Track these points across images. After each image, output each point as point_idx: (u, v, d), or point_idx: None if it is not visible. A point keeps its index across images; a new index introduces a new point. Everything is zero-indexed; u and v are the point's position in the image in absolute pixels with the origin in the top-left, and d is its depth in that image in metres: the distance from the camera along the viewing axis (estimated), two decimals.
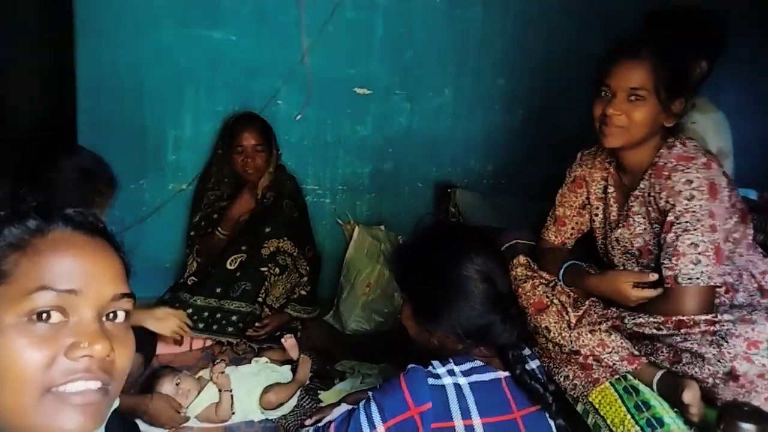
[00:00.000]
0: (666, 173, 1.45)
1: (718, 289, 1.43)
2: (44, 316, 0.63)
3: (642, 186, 1.52)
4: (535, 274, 1.65)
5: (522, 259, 1.67)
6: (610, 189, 1.63)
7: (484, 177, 2.73)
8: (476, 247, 1.20)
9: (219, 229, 2.26)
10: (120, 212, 2.35)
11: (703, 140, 1.86)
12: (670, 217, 1.43)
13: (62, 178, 1.65)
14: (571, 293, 1.59)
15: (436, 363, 1.12)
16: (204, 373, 1.86)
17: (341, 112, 2.53)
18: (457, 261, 1.17)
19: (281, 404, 1.79)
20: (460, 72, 2.59)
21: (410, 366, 1.12)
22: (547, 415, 1.16)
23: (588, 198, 1.69)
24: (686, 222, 1.40)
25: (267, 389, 1.79)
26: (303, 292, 2.28)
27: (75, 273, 0.66)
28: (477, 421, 1.06)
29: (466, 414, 1.07)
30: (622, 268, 1.60)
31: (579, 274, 1.59)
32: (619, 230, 1.59)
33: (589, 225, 1.72)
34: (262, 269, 2.20)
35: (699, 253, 1.39)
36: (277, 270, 2.24)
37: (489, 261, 1.19)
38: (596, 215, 1.68)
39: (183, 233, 2.45)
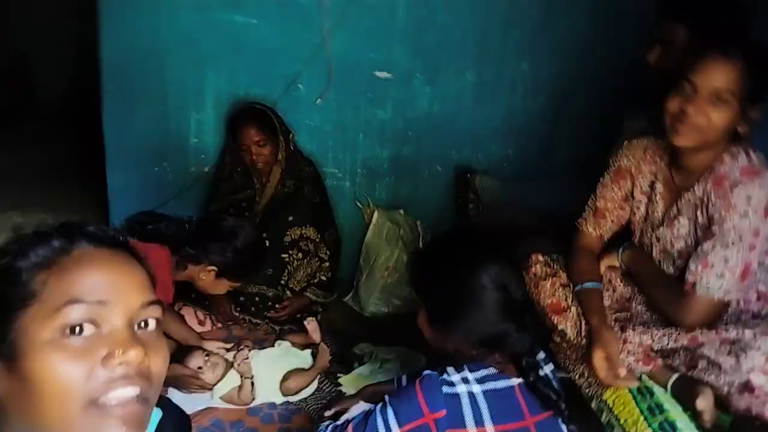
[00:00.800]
0: (727, 184, 1.39)
1: (749, 297, 1.43)
2: (77, 329, 0.65)
3: (696, 190, 1.46)
4: (556, 273, 1.64)
5: (540, 257, 1.66)
6: (658, 185, 1.56)
7: (504, 162, 2.70)
8: (492, 255, 1.21)
9: None
10: (142, 195, 2.42)
11: None
12: (715, 228, 1.40)
13: (237, 256, 1.87)
14: None
15: (450, 369, 1.15)
16: (229, 356, 1.92)
17: (362, 95, 2.52)
18: (472, 270, 1.18)
19: (300, 390, 1.84)
20: (482, 55, 2.54)
21: (425, 373, 1.15)
22: (560, 421, 1.18)
23: (632, 191, 1.62)
24: (728, 237, 1.38)
25: (287, 375, 1.85)
26: (323, 278, 2.32)
27: (102, 284, 0.68)
28: (490, 428, 1.10)
29: (479, 421, 1.10)
30: (657, 263, 1.57)
31: (589, 306, 1.53)
32: (662, 229, 1.54)
33: (628, 218, 1.66)
34: (284, 255, 2.24)
35: (727, 268, 1.38)
36: (300, 255, 2.28)
37: (504, 269, 1.19)
38: (638, 209, 1.62)
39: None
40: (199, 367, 1.81)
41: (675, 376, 1.41)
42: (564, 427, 1.18)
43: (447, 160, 2.65)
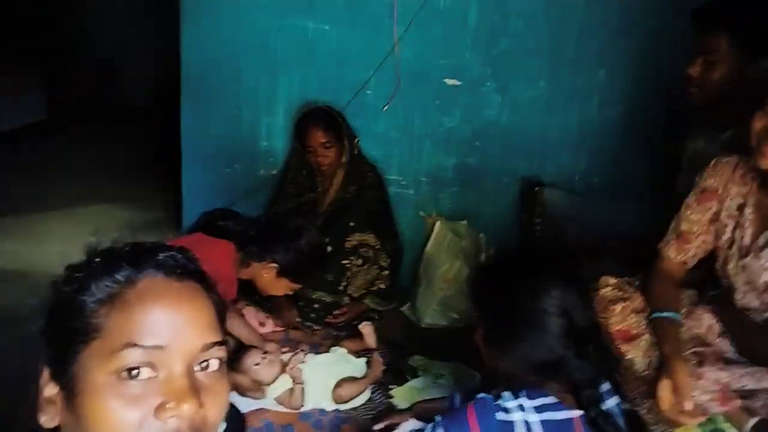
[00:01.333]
0: None
1: None
2: (134, 372, 0.64)
3: None
4: (628, 297, 1.54)
5: (611, 279, 1.56)
6: (748, 209, 1.43)
7: (576, 174, 2.59)
8: (557, 277, 1.15)
9: None
10: (214, 194, 2.51)
11: None
12: None
13: (301, 254, 1.92)
14: None
15: (506, 395, 1.10)
16: (285, 357, 1.95)
17: (429, 103, 2.50)
18: (534, 292, 1.12)
19: (351, 399, 1.84)
20: (556, 63, 2.46)
21: (479, 396, 1.11)
22: None
23: (718, 213, 1.50)
24: None
25: (340, 383, 1.85)
26: (382, 286, 2.31)
27: (163, 327, 0.66)
28: None
29: None
30: (741, 298, 1.46)
31: (664, 335, 1.42)
32: (749, 258, 1.41)
33: (714, 243, 1.52)
34: (344, 262, 2.25)
35: None
36: (360, 261, 2.28)
37: (569, 293, 1.13)
38: (723, 234, 1.49)
39: None
40: (257, 364, 1.84)
41: (755, 420, 1.29)
42: None
43: (514, 171, 2.58)
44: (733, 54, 1.64)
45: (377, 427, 1.38)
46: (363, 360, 1.98)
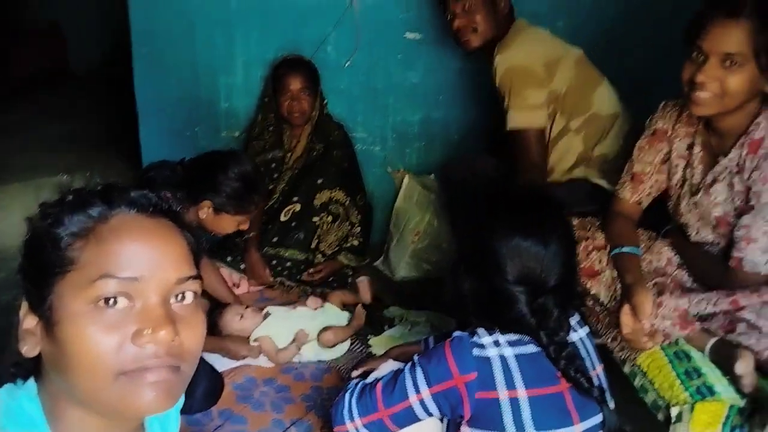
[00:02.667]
0: (762, 152, 1.33)
1: None
2: (111, 301, 0.65)
3: (732, 155, 1.40)
4: (590, 236, 1.60)
5: (575, 220, 1.62)
6: (696, 148, 1.49)
7: None
8: (533, 231, 1.12)
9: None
10: (175, 159, 2.45)
11: None
12: (753, 201, 1.35)
13: (228, 184, 1.81)
14: None
15: (481, 331, 1.13)
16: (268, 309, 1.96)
17: (392, 58, 2.47)
18: (503, 236, 1.12)
19: (336, 344, 1.89)
20: (517, 12, 2.44)
21: (455, 334, 1.14)
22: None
23: (669, 154, 1.56)
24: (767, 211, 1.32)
25: (326, 328, 1.88)
26: (355, 242, 2.33)
27: (137, 259, 0.67)
28: (522, 392, 1.08)
29: (511, 385, 1.08)
30: (695, 233, 1.53)
31: (625, 267, 1.48)
32: (700, 195, 1.48)
33: (666, 183, 1.59)
34: (315, 219, 2.25)
35: None
36: (330, 218, 2.28)
37: (537, 250, 1.11)
38: (674, 173, 1.55)
39: None
40: (240, 315, 1.86)
41: (713, 340, 1.37)
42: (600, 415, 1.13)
43: (479, 124, 2.59)
44: None
45: (356, 373, 1.41)
46: (346, 314, 2.01)
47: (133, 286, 0.66)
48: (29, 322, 0.69)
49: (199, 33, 2.36)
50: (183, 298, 0.70)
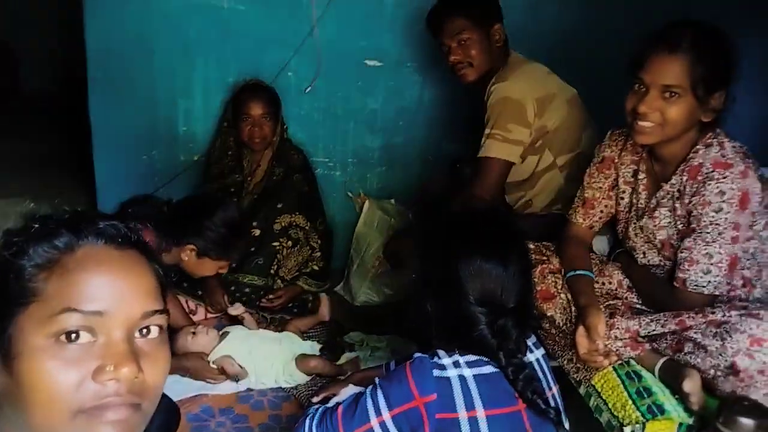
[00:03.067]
0: (700, 178, 1.40)
1: (734, 283, 1.46)
2: (72, 336, 0.63)
3: (673, 181, 1.48)
4: (546, 260, 1.64)
5: (531, 245, 1.66)
6: (641, 175, 1.57)
7: None
8: (488, 252, 1.16)
9: None
10: (131, 184, 2.39)
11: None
12: (694, 224, 1.42)
13: (215, 230, 1.85)
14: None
15: (441, 353, 1.14)
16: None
17: (352, 84, 2.51)
18: (460, 259, 1.15)
19: (315, 373, 1.85)
20: None
21: (416, 356, 1.15)
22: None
23: (616, 180, 1.63)
24: (708, 233, 1.40)
25: (303, 356, 1.86)
26: (315, 267, 2.32)
27: (102, 293, 0.65)
28: (481, 413, 1.09)
29: (470, 406, 1.09)
30: (642, 256, 1.59)
31: (579, 290, 1.54)
32: (645, 219, 1.55)
33: (615, 208, 1.66)
34: (274, 244, 2.23)
35: (712, 264, 1.40)
36: (290, 243, 2.27)
37: (495, 269, 1.15)
38: (622, 199, 1.62)
39: None
40: (192, 333, 1.82)
41: (662, 360, 1.42)
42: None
43: (438, 149, 2.64)
44: None
45: (316, 399, 1.39)
46: (310, 343, 1.98)
47: (97, 320, 0.64)
48: None
49: (157, 56, 2.34)
50: (148, 332, 0.68)
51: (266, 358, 1.85)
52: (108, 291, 0.65)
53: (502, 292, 1.16)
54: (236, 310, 2.01)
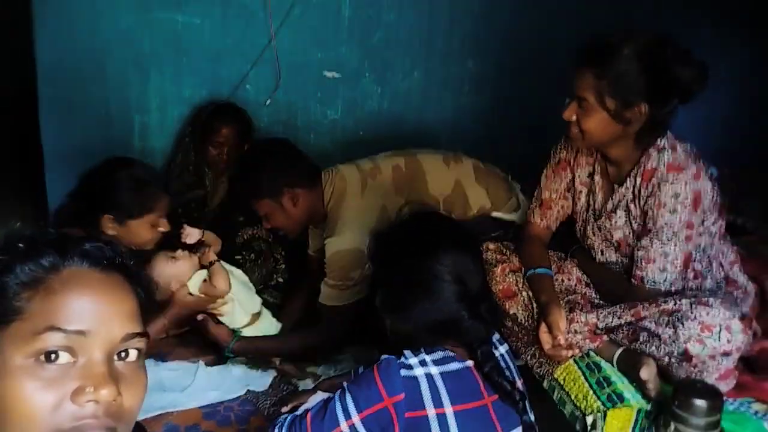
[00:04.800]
0: (655, 181, 1.46)
1: (686, 276, 1.53)
2: (52, 356, 0.63)
3: (627, 184, 1.53)
4: (507, 259, 1.69)
5: (491, 245, 1.71)
6: (597, 177, 1.62)
7: None
8: (450, 244, 1.21)
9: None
10: None
11: None
12: (649, 225, 1.48)
13: (117, 193, 1.75)
14: None
15: (408, 353, 1.16)
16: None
17: (311, 96, 2.53)
18: (427, 259, 1.19)
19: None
20: (428, 54, 2.60)
21: (383, 357, 1.16)
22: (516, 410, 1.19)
23: (572, 182, 1.68)
24: (663, 233, 1.46)
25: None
26: (280, 279, 2.30)
27: (85, 313, 0.66)
28: (449, 409, 1.11)
29: (438, 403, 1.11)
30: (600, 255, 1.65)
31: (539, 287, 1.59)
32: (602, 220, 1.60)
33: (572, 208, 1.71)
34: (237, 257, 2.21)
35: (668, 262, 1.47)
36: (252, 256, 2.25)
37: (462, 259, 1.20)
38: (579, 199, 1.67)
39: None
40: (172, 257, 1.79)
41: (620, 350, 1.47)
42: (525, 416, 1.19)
43: None
44: None
45: (285, 408, 1.38)
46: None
47: (79, 340, 0.64)
48: None
49: (110, 71, 2.30)
50: (126, 355, 0.69)
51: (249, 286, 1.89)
52: (91, 312, 0.66)
53: (472, 278, 1.21)
54: (192, 237, 1.88)
